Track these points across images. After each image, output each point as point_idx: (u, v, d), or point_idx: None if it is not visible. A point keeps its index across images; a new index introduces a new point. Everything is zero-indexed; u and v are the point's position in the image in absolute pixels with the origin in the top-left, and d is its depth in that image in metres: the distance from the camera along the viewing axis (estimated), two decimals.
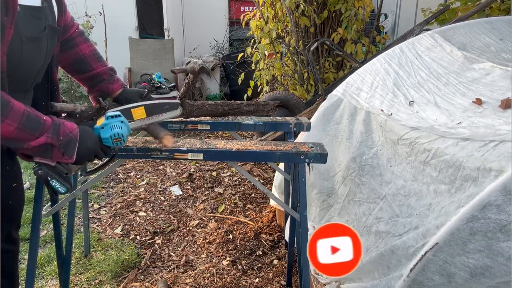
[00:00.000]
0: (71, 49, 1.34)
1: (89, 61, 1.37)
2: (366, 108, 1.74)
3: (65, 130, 1.03)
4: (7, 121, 0.92)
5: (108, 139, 1.11)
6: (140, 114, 1.23)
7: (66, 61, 1.36)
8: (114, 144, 1.12)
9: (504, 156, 1.03)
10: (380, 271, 1.33)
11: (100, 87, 1.40)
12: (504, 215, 0.96)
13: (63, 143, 1.02)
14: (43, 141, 0.98)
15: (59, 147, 1.01)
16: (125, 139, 1.14)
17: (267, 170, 3.43)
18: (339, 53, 3.52)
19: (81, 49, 1.35)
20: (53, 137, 1.00)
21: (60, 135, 1.01)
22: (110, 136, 1.11)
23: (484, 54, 1.72)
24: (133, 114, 1.22)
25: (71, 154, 1.04)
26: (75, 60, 1.36)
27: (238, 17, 5.52)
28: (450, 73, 1.66)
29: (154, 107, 1.28)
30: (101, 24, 4.91)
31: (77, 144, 1.05)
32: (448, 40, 1.83)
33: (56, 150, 1.02)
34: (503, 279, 0.99)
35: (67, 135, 1.03)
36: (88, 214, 2.38)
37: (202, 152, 1.36)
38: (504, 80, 1.44)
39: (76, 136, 1.05)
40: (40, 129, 0.98)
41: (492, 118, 1.27)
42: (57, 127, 1.01)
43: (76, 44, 1.35)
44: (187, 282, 2.04)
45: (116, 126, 1.12)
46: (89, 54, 1.37)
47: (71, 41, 1.34)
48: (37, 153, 1.01)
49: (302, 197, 1.45)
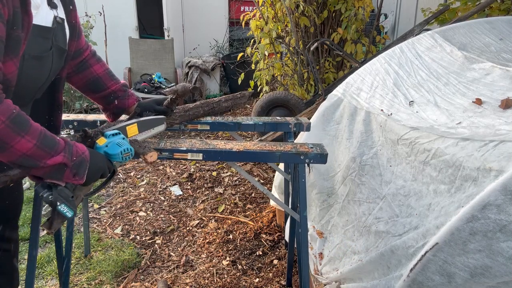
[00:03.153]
0: (85, 70, 1.37)
1: (103, 80, 1.40)
2: (366, 108, 1.74)
3: (78, 151, 1.03)
4: (27, 137, 0.91)
5: (118, 155, 1.13)
6: (134, 131, 1.28)
7: (81, 82, 1.39)
8: (123, 160, 1.15)
9: (504, 156, 1.03)
10: (380, 271, 1.33)
11: (116, 104, 1.44)
12: (504, 215, 0.96)
13: (76, 164, 1.02)
14: (59, 160, 0.98)
15: (71, 168, 1.01)
16: (133, 153, 1.17)
17: (267, 170, 3.43)
18: (339, 53, 3.52)
19: (95, 70, 1.39)
20: (68, 156, 1.00)
21: (73, 156, 1.01)
22: (121, 151, 1.14)
23: (484, 54, 1.72)
24: (128, 131, 1.26)
25: (82, 175, 1.04)
26: (90, 81, 1.39)
27: (238, 17, 5.52)
28: (450, 73, 1.66)
29: (144, 123, 1.33)
30: (101, 24, 4.91)
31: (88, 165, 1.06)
32: (448, 40, 1.83)
33: (68, 171, 1.01)
34: (503, 279, 0.99)
35: (79, 156, 1.03)
36: (88, 214, 2.38)
37: (202, 152, 1.36)
38: (504, 80, 1.44)
39: (88, 157, 1.06)
40: (56, 148, 0.98)
41: (492, 118, 1.27)
42: (71, 148, 1.02)
43: (90, 65, 1.38)
44: (187, 282, 2.04)
45: (122, 143, 1.15)
46: (102, 74, 1.41)
47: (85, 63, 1.38)
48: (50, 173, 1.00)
49: (302, 197, 1.45)
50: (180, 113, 1.56)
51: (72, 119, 1.67)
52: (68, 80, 1.38)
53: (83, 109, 4.77)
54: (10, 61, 0.94)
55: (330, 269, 1.64)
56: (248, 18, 4.15)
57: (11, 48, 0.93)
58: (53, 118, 1.30)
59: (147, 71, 5.19)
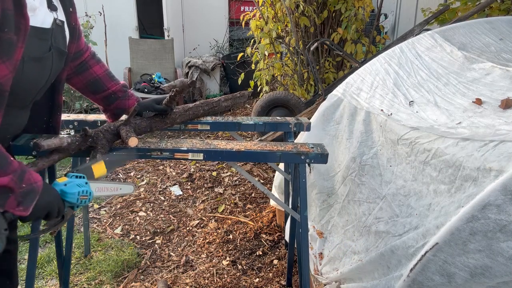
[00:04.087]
0: (85, 72, 1.37)
1: (103, 81, 1.40)
2: (366, 108, 1.74)
3: (30, 179, 0.94)
4: None
5: (74, 195, 1.04)
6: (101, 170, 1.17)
7: (81, 84, 1.39)
8: (78, 202, 1.05)
9: (504, 156, 1.03)
10: (380, 271, 1.33)
11: (116, 105, 1.44)
12: (504, 215, 0.96)
13: (23, 191, 0.92)
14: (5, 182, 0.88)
15: (17, 195, 0.90)
16: (91, 198, 1.09)
17: (267, 170, 3.43)
18: (339, 53, 3.52)
19: (94, 71, 1.39)
20: (17, 181, 0.90)
21: (23, 182, 0.92)
22: (78, 192, 1.05)
23: (484, 54, 1.72)
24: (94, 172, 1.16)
25: (28, 206, 0.93)
26: (90, 82, 1.39)
27: (238, 17, 5.52)
28: (450, 73, 1.66)
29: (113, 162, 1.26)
30: (101, 24, 4.91)
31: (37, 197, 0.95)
32: (448, 40, 1.83)
33: (13, 198, 0.90)
34: (503, 279, 0.99)
35: (30, 184, 0.93)
36: (88, 214, 2.38)
37: (202, 152, 1.36)
38: (504, 80, 1.44)
39: (39, 188, 0.96)
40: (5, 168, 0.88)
41: (492, 118, 1.27)
42: (23, 174, 0.92)
43: (90, 66, 1.38)
44: (187, 282, 2.04)
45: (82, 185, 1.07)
46: (102, 75, 1.41)
47: (85, 64, 1.37)
48: None
49: (303, 197, 1.45)
50: (180, 113, 1.56)
51: (73, 119, 1.67)
52: (68, 81, 1.38)
53: (83, 109, 4.77)
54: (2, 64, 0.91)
55: (330, 269, 1.64)
56: (248, 18, 4.15)
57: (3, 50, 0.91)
58: (52, 119, 1.31)
59: (147, 71, 5.19)
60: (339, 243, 1.66)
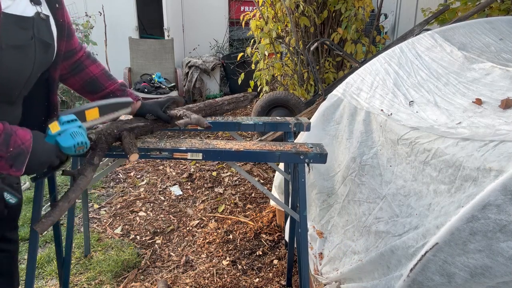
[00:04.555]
0: (81, 72, 1.36)
1: (101, 81, 1.40)
2: (366, 108, 1.74)
3: (17, 141, 0.96)
4: None
5: (70, 148, 1.06)
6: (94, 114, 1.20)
7: (78, 84, 1.38)
8: (76, 153, 1.07)
9: (504, 156, 1.03)
10: (380, 271, 1.33)
11: None
12: (504, 215, 0.96)
13: (12, 155, 0.95)
14: None
15: (6, 159, 0.94)
16: (88, 145, 1.10)
17: (267, 170, 3.43)
18: (339, 53, 3.52)
19: (91, 70, 1.38)
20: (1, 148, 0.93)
21: (10, 146, 0.94)
22: (74, 145, 1.06)
23: (484, 54, 1.72)
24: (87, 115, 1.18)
25: (20, 168, 0.98)
26: (87, 82, 1.38)
27: (238, 17, 5.53)
28: (450, 73, 1.66)
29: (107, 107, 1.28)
30: (101, 24, 4.91)
31: (28, 157, 0.99)
32: (448, 40, 1.83)
33: (3, 162, 0.94)
34: (503, 279, 0.99)
35: (18, 147, 0.96)
36: (88, 214, 2.38)
37: (201, 152, 1.36)
38: (504, 80, 1.44)
39: (28, 148, 0.99)
40: None
41: (492, 118, 1.27)
42: (8, 138, 0.95)
43: (86, 66, 1.37)
44: (187, 282, 2.04)
45: (77, 133, 1.07)
46: (99, 74, 1.40)
47: (81, 64, 1.37)
48: None
49: (302, 197, 1.45)
50: None
51: None
52: (64, 82, 1.37)
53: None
54: None
55: (330, 269, 1.64)
56: (248, 18, 4.15)
57: None
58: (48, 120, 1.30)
59: (147, 71, 5.19)
60: (339, 243, 1.66)
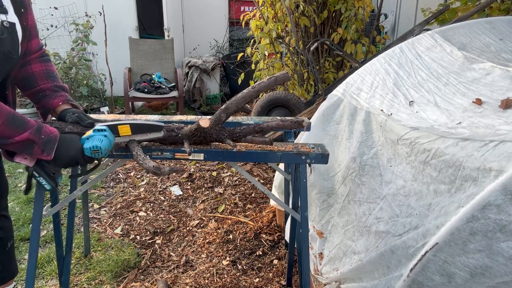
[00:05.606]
0: (23, 67, 1.37)
1: (36, 78, 1.39)
2: (366, 108, 1.74)
3: (47, 131, 1.16)
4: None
5: (87, 150, 1.21)
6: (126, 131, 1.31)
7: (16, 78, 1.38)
8: (92, 155, 1.22)
9: (504, 156, 1.03)
10: (380, 271, 1.33)
11: (42, 103, 1.41)
12: (504, 215, 0.96)
13: (43, 141, 1.14)
14: (26, 137, 1.10)
15: (39, 145, 1.13)
16: (103, 152, 1.22)
17: (267, 170, 3.43)
18: (339, 53, 3.52)
19: (32, 68, 1.38)
20: (35, 134, 1.12)
21: (42, 134, 1.14)
22: (90, 147, 1.21)
23: (484, 54, 1.72)
24: (119, 130, 1.30)
25: (50, 152, 1.16)
26: (23, 77, 1.38)
27: (238, 17, 5.53)
28: (450, 73, 1.66)
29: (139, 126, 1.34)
30: (101, 24, 4.91)
31: (56, 144, 1.17)
32: (448, 40, 1.83)
33: (37, 147, 1.13)
34: (503, 279, 0.99)
35: (48, 135, 1.15)
36: (88, 214, 2.38)
37: (203, 153, 1.36)
38: (504, 80, 1.44)
39: (56, 137, 1.18)
40: (24, 127, 1.11)
41: (492, 118, 1.27)
42: (40, 128, 1.14)
43: (29, 63, 1.38)
44: (187, 282, 2.04)
45: (97, 139, 1.22)
46: (38, 72, 1.39)
47: (27, 62, 1.37)
48: (20, 148, 1.13)
49: (303, 197, 1.45)
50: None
51: None
52: None
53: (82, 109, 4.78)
54: None
55: (330, 269, 1.64)
56: (248, 18, 4.15)
57: None
58: None
59: (147, 71, 5.19)
60: (339, 243, 1.66)
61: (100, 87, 5.25)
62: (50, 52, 4.69)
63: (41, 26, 4.89)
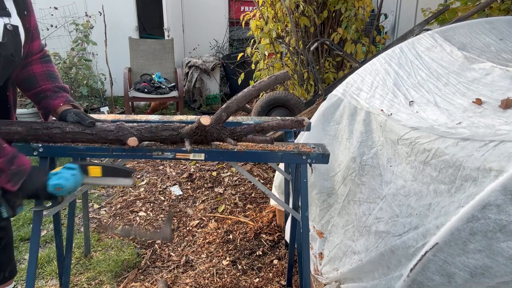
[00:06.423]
0: (24, 68, 1.36)
1: (38, 79, 1.38)
2: (366, 108, 1.74)
3: (20, 163, 1.16)
4: None
5: (51, 186, 1.20)
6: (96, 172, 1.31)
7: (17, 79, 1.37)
8: (54, 192, 1.21)
9: (504, 156, 1.03)
10: (380, 271, 1.34)
11: (43, 103, 1.40)
12: (504, 215, 0.96)
13: (13, 172, 1.14)
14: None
15: (7, 174, 1.13)
16: (65, 191, 1.22)
17: (267, 170, 3.43)
18: (339, 53, 3.52)
19: (33, 68, 1.37)
20: (7, 163, 1.12)
21: (13, 165, 1.14)
22: (54, 184, 1.20)
23: (484, 54, 1.72)
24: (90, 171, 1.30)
25: (15, 184, 1.15)
26: (25, 78, 1.37)
27: (238, 17, 5.52)
28: (450, 73, 1.66)
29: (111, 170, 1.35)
30: (101, 24, 4.91)
31: (24, 178, 1.16)
32: (448, 40, 1.83)
33: (4, 176, 1.13)
34: (503, 279, 0.99)
35: (19, 167, 1.15)
36: (88, 214, 2.38)
37: (204, 153, 1.36)
38: (504, 80, 1.44)
39: (26, 171, 1.17)
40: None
41: (492, 118, 1.27)
42: (14, 158, 1.14)
43: (30, 64, 1.37)
44: (187, 282, 2.04)
45: (64, 178, 1.21)
46: (39, 73, 1.38)
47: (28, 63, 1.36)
48: None
49: (304, 197, 1.45)
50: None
51: None
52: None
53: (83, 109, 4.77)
54: None
55: (330, 269, 1.64)
56: (248, 18, 4.15)
57: None
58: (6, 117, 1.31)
59: (147, 71, 5.19)
60: (339, 243, 1.66)
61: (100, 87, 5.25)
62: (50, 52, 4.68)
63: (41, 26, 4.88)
